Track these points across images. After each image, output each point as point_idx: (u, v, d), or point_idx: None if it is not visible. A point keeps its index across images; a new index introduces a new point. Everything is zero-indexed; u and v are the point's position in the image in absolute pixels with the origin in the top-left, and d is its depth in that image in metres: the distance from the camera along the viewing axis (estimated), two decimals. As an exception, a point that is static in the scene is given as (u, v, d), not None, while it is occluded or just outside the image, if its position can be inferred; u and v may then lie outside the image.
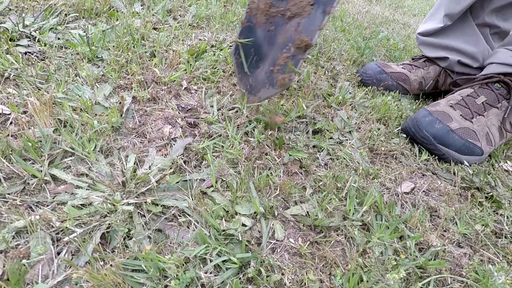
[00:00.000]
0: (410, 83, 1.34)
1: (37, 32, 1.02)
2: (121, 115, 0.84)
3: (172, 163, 0.75)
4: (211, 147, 0.81)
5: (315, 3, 0.81)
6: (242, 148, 0.83)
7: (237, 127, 0.90)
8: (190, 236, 0.62)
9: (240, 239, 0.62)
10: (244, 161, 0.80)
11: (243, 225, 0.66)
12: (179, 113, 0.90)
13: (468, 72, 1.31)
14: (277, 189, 0.76)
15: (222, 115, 0.93)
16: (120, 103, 0.86)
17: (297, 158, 0.86)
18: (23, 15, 1.04)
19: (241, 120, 0.91)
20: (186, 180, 0.73)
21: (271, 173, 0.80)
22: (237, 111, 0.96)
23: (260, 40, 0.90)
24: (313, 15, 0.82)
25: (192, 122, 0.88)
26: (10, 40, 0.96)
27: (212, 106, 0.95)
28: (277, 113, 0.92)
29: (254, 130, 0.90)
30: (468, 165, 0.99)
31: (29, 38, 1.00)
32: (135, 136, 0.81)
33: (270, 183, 0.76)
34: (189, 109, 0.93)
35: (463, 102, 1.07)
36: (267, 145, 0.87)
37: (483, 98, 1.06)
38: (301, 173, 0.84)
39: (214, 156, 0.80)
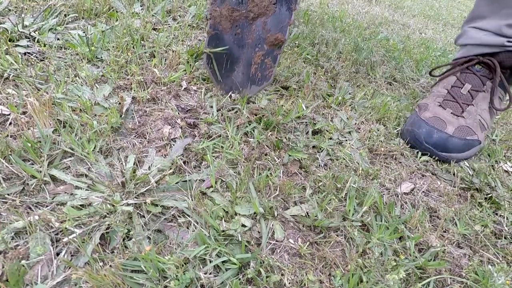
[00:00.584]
0: None
1: (36, 32, 1.02)
2: (121, 116, 0.83)
3: (172, 164, 0.75)
4: (211, 148, 0.81)
5: (278, 2, 0.85)
6: (242, 149, 0.83)
7: (237, 128, 0.90)
8: (190, 237, 0.62)
9: (240, 239, 0.62)
10: (243, 162, 0.80)
11: (243, 225, 0.66)
12: (178, 113, 0.90)
13: None
14: (276, 190, 0.76)
15: (222, 115, 0.93)
16: (119, 103, 0.86)
17: (296, 159, 0.86)
18: (23, 15, 1.04)
19: (241, 120, 0.91)
20: (185, 181, 0.73)
21: (270, 173, 0.80)
22: (236, 112, 0.96)
23: (230, 45, 0.93)
24: (279, 13, 0.86)
25: (192, 123, 0.88)
26: (10, 40, 0.96)
27: (211, 107, 0.95)
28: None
29: (254, 130, 0.90)
30: (469, 157, 1.00)
31: (29, 38, 1.00)
32: (135, 136, 0.81)
33: (270, 184, 0.76)
34: (189, 109, 0.93)
35: (450, 97, 1.06)
36: (266, 146, 0.87)
37: (468, 87, 1.06)
38: (301, 173, 0.84)
39: (213, 156, 0.80)
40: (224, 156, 0.80)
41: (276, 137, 0.89)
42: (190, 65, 1.09)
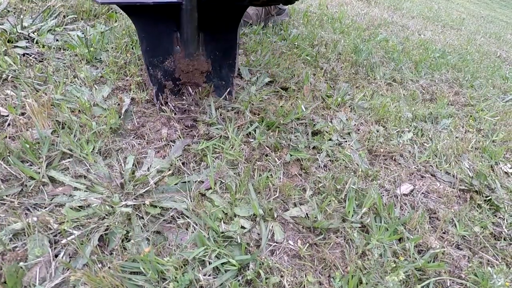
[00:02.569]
0: (250, 16, 1.55)
1: (35, 33, 1.02)
2: (120, 117, 0.83)
3: (171, 165, 0.75)
4: (211, 148, 0.81)
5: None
6: (242, 149, 0.83)
7: (238, 128, 0.90)
8: (189, 238, 0.62)
9: (239, 241, 0.62)
10: (244, 162, 0.80)
11: (242, 227, 0.66)
12: (175, 114, 0.90)
13: None
14: (276, 191, 0.76)
15: (221, 115, 0.92)
16: (118, 104, 0.86)
17: (299, 158, 0.86)
18: (21, 16, 1.04)
19: (242, 121, 0.91)
20: (184, 182, 0.73)
21: (271, 175, 0.80)
22: (236, 112, 0.95)
23: None
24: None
25: (189, 125, 0.88)
26: (9, 41, 0.96)
27: (209, 105, 0.93)
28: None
29: (255, 130, 0.90)
30: None
31: (28, 39, 1.00)
32: (134, 137, 0.81)
33: (270, 185, 0.76)
34: (185, 110, 0.92)
35: None
36: (267, 147, 0.87)
37: None
38: (301, 175, 0.84)
39: (213, 157, 0.80)
40: (225, 157, 0.80)
41: (277, 137, 0.89)
42: (190, 66, 1.09)
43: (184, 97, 0.94)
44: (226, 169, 0.77)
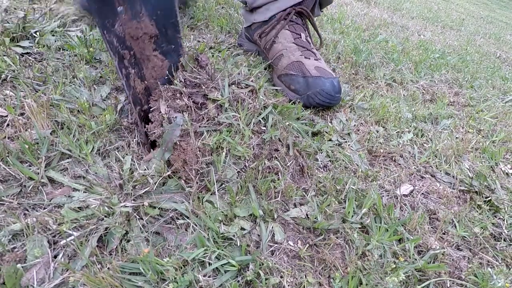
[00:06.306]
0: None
1: (37, 34, 1.02)
2: (116, 114, 0.83)
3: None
4: (225, 139, 0.77)
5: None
6: (252, 142, 0.81)
7: (251, 114, 0.85)
8: (189, 239, 0.62)
9: (239, 243, 0.62)
10: (251, 160, 0.78)
11: (242, 228, 0.66)
12: (185, 88, 0.83)
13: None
14: (279, 193, 0.75)
15: (233, 93, 0.86)
16: (115, 104, 0.86)
17: (306, 153, 0.85)
18: (23, 16, 1.03)
19: (255, 103, 0.87)
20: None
21: (278, 178, 0.78)
22: (251, 91, 0.91)
23: None
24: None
25: (200, 103, 0.80)
26: (11, 41, 0.96)
27: (223, 79, 0.86)
28: None
29: (267, 117, 0.87)
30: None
31: (29, 39, 1.00)
32: (130, 134, 0.80)
33: (272, 187, 0.76)
34: (196, 84, 0.83)
35: (302, 48, 1.12)
36: (279, 139, 0.85)
37: (304, 35, 1.14)
38: (303, 175, 0.83)
39: (219, 152, 0.79)
40: (231, 152, 0.78)
41: (289, 131, 0.87)
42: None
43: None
44: (230, 166, 0.77)
